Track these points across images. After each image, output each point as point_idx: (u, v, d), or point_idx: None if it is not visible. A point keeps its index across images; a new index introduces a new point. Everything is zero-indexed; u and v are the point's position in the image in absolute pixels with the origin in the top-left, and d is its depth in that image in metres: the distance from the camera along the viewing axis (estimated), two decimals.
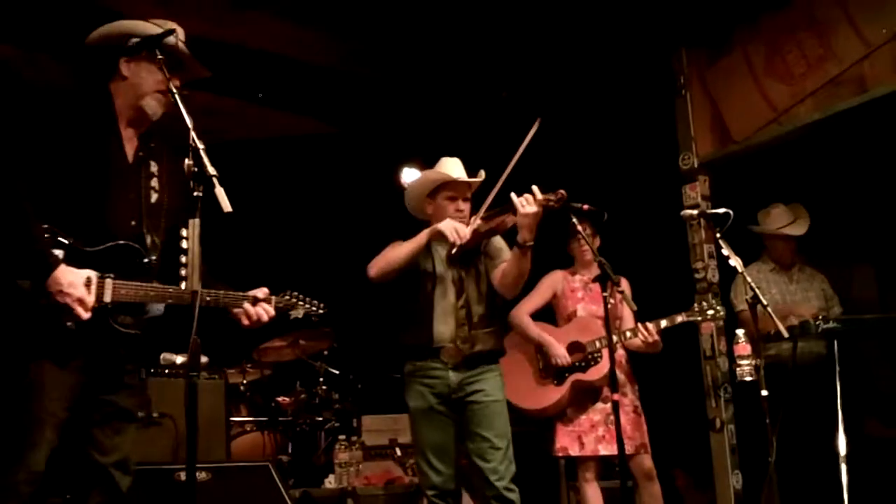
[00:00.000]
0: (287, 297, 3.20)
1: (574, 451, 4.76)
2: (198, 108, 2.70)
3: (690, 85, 5.83)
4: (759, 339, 4.27)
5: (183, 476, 3.72)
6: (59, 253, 2.71)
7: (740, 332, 4.32)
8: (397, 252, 4.00)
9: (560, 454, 4.82)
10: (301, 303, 3.24)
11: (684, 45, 5.85)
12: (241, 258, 3.23)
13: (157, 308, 2.95)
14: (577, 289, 5.03)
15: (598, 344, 4.73)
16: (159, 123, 2.99)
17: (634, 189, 6.03)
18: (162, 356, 4.84)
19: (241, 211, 2.55)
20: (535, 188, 3.75)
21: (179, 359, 4.74)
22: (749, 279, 4.12)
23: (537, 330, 4.93)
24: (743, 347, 4.28)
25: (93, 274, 2.75)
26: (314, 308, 3.27)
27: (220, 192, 2.49)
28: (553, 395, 4.79)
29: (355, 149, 7.01)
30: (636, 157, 6.17)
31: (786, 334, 4.15)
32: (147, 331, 2.96)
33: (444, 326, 3.98)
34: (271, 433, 5.89)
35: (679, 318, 4.68)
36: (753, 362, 4.28)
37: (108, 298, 2.76)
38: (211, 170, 2.50)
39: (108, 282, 2.77)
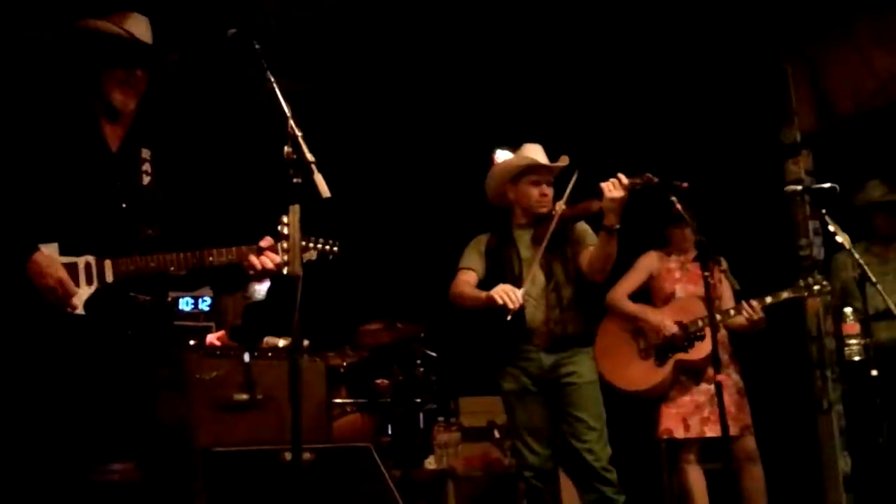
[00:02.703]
0: None
1: (679, 434, 4.69)
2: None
3: (792, 57, 5.66)
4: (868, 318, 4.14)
5: (288, 456, 3.80)
6: (53, 246, 2.82)
7: (848, 310, 4.19)
8: (464, 297, 4.12)
9: (664, 437, 4.76)
10: (312, 245, 3.14)
11: (786, 17, 5.67)
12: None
13: (260, 293, 3.02)
14: (673, 269, 4.95)
15: (700, 323, 4.65)
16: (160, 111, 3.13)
17: (735, 164, 5.88)
18: (265, 339, 4.96)
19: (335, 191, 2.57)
20: (620, 174, 3.74)
21: (282, 342, 4.85)
22: (857, 255, 3.99)
23: (637, 308, 4.88)
24: (851, 326, 4.16)
25: (91, 258, 2.86)
26: (328, 247, 3.17)
27: (318, 178, 2.52)
28: (656, 375, 4.73)
29: (453, 134, 7.01)
30: (736, 132, 6.03)
31: None
32: (161, 303, 3.07)
33: (535, 310, 4.03)
34: (371, 415, 5.97)
35: (784, 295, 4.56)
36: (862, 341, 4.16)
37: (109, 278, 2.87)
38: (309, 156, 2.53)
39: (108, 262, 2.87)
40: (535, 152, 4.21)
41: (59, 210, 2.88)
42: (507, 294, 3.81)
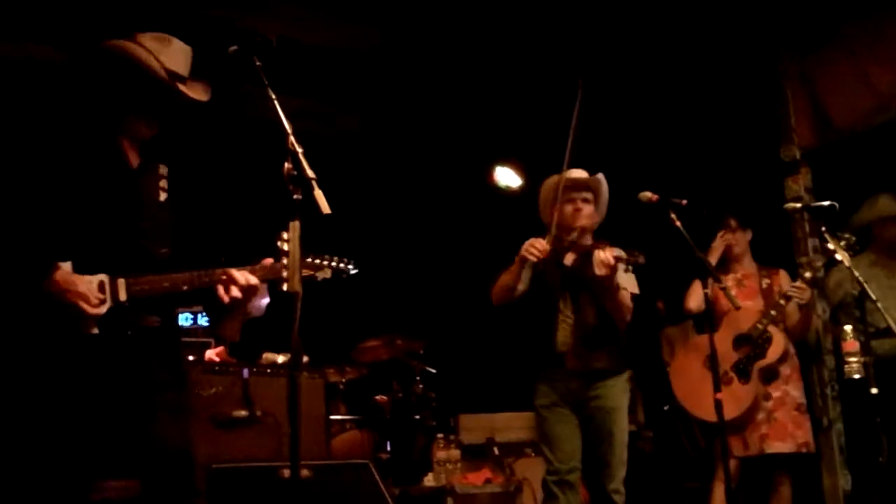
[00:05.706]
0: (311, 260, 3.08)
1: (738, 452, 4.69)
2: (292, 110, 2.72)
3: (790, 74, 5.67)
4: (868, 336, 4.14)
5: (287, 473, 3.79)
6: (67, 265, 2.76)
7: (848, 328, 4.19)
8: (504, 280, 4.15)
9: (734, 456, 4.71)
10: (327, 263, 3.11)
11: (784, 34, 5.69)
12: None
13: (259, 308, 3.00)
14: (728, 287, 4.90)
15: (759, 326, 4.65)
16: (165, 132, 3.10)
17: (734, 181, 5.89)
18: (263, 356, 4.95)
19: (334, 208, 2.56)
20: (618, 251, 3.81)
21: (281, 358, 4.84)
22: (857, 273, 3.99)
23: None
24: (851, 344, 4.16)
25: (104, 277, 2.80)
26: (342, 265, 3.16)
27: (318, 194, 2.52)
28: (746, 396, 4.69)
29: (451, 147, 7.01)
30: (736, 150, 6.04)
31: None
32: (170, 324, 3.03)
33: (565, 337, 4.10)
34: (369, 432, 5.95)
35: (818, 263, 4.74)
36: (862, 359, 4.15)
37: (123, 297, 2.81)
38: (309, 172, 2.53)
39: (121, 281, 2.81)
40: (572, 171, 4.22)
41: (75, 228, 2.83)
42: (531, 248, 3.89)
